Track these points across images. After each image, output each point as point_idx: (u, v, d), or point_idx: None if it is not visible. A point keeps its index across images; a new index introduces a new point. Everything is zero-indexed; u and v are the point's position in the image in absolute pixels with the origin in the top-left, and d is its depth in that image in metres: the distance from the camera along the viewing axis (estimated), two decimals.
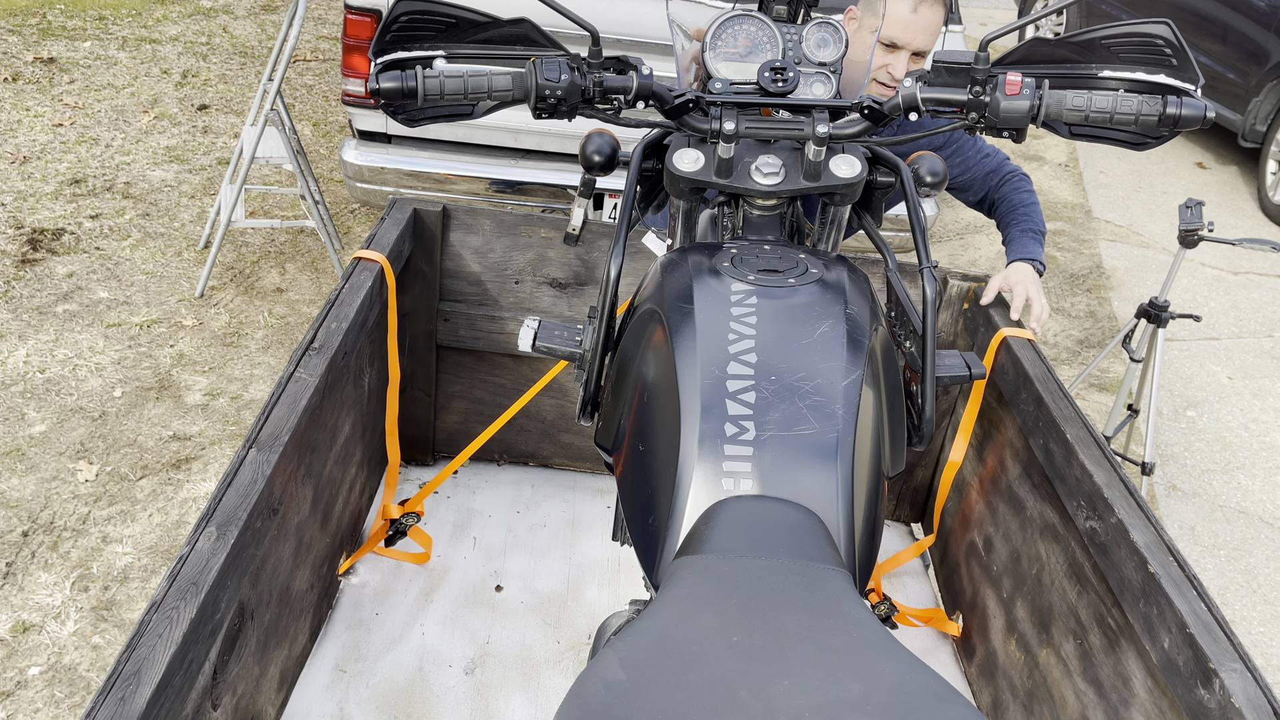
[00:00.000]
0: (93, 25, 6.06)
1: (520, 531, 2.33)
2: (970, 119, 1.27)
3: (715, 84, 1.35)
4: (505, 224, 2.28)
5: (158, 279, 3.70)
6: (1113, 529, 1.58)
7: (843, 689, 0.75)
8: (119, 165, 4.47)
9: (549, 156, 3.34)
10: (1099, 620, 1.65)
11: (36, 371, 3.13)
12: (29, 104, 4.90)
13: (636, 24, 3.05)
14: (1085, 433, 1.77)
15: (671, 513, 1.00)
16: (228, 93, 5.40)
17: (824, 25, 1.41)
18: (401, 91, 1.20)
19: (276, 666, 1.69)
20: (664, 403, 1.06)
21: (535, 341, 1.28)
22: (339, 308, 1.78)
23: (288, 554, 1.65)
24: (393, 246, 2.04)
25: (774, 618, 0.83)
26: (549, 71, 1.21)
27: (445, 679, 1.92)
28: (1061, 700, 1.73)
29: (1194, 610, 1.39)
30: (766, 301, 1.13)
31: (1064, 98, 1.23)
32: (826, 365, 1.06)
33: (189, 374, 3.22)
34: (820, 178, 1.27)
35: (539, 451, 2.53)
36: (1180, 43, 1.24)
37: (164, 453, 2.88)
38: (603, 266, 2.33)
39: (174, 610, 1.11)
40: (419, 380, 2.39)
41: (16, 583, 2.41)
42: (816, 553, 0.93)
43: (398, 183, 3.26)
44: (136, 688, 1.01)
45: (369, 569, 2.15)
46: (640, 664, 0.76)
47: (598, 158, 1.37)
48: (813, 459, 1.00)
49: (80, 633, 2.30)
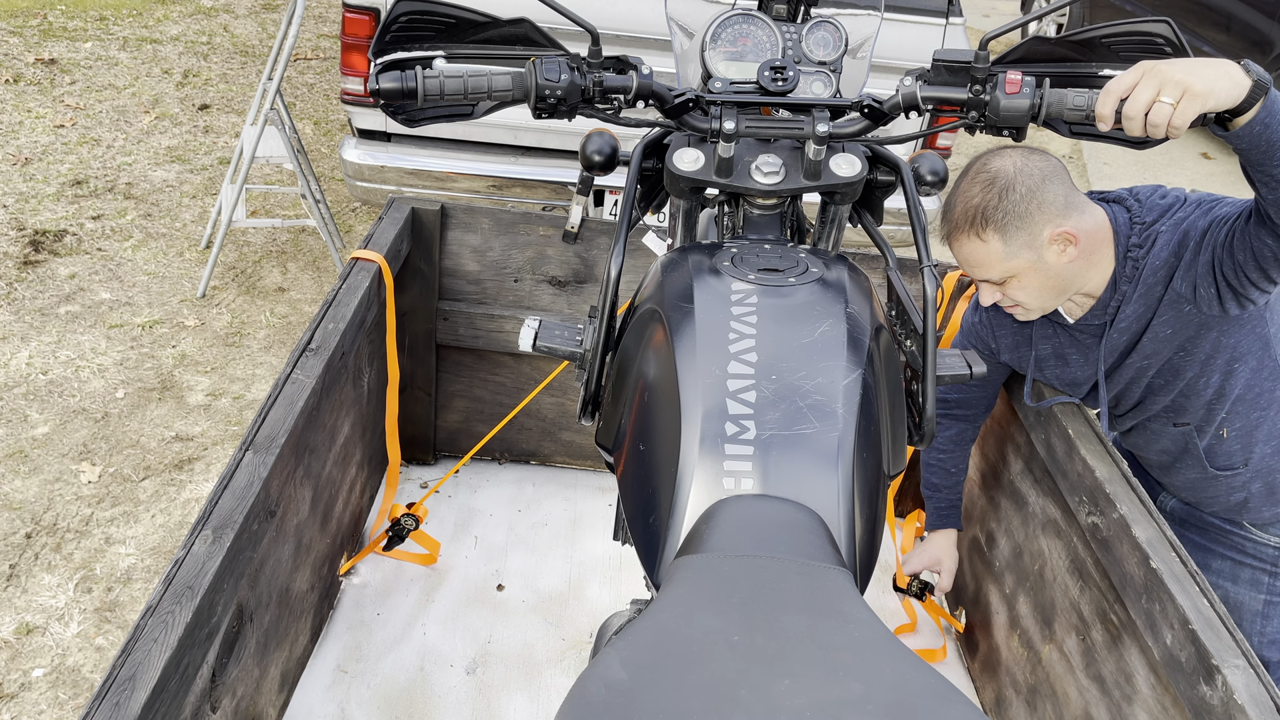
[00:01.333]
0: (94, 26, 6.06)
1: (522, 530, 2.33)
2: (970, 118, 1.27)
3: (715, 83, 1.35)
4: (504, 222, 2.27)
5: (159, 279, 3.70)
6: (1114, 524, 1.57)
7: (844, 688, 0.75)
8: (120, 166, 4.47)
9: (550, 153, 3.33)
10: (1101, 616, 1.64)
11: (39, 373, 3.13)
12: (30, 105, 4.90)
13: (635, 20, 3.04)
14: (1087, 427, 1.76)
15: (672, 512, 1.00)
16: (229, 92, 5.40)
17: (823, 24, 1.41)
18: (401, 92, 1.20)
19: (277, 668, 1.69)
20: (664, 402, 1.06)
21: (536, 341, 1.28)
22: (336, 308, 1.78)
23: (287, 555, 1.64)
24: (390, 246, 2.03)
25: (775, 617, 0.82)
26: (549, 71, 1.21)
27: (447, 679, 1.92)
28: (1064, 697, 1.73)
29: (1196, 606, 1.38)
30: (767, 301, 1.12)
31: (1064, 96, 1.22)
32: (827, 364, 1.06)
33: (191, 374, 3.23)
34: (820, 177, 1.27)
35: (540, 450, 2.53)
36: (1180, 41, 1.23)
37: (166, 453, 2.88)
38: (601, 265, 2.32)
39: (169, 614, 1.11)
40: (419, 379, 2.39)
41: (20, 584, 2.41)
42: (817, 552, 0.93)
43: (398, 181, 3.26)
44: (132, 692, 1.01)
45: (370, 569, 2.15)
46: (641, 663, 0.76)
47: (598, 157, 1.37)
48: (813, 458, 1.00)
49: (84, 634, 2.30)
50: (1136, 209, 1.63)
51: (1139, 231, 1.60)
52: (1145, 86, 1.17)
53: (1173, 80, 1.16)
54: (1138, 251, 1.60)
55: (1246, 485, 1.69)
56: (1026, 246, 1.57)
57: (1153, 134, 1.19)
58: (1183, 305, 1.58)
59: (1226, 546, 1.77)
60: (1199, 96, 1.16)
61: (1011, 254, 1.57)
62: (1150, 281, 1.60)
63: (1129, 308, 1.63)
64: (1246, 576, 1.75)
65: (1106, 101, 1.18)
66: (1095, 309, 1.67)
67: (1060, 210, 1.56)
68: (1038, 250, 1.57)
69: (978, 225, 1.58)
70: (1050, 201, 1.56)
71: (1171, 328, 1.61)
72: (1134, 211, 1.63)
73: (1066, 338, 1.76)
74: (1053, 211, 1.56)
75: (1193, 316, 1.58)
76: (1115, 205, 1.65)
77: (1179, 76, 1.16)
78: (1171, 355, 1.64)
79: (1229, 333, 1.59)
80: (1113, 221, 1.62)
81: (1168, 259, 1.58)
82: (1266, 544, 1.72)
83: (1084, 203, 1.61)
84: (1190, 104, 1.16)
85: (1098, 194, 1.68)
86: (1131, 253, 1.61)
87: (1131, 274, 1.61)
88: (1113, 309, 1.65)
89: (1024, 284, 1.61)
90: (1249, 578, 1.75)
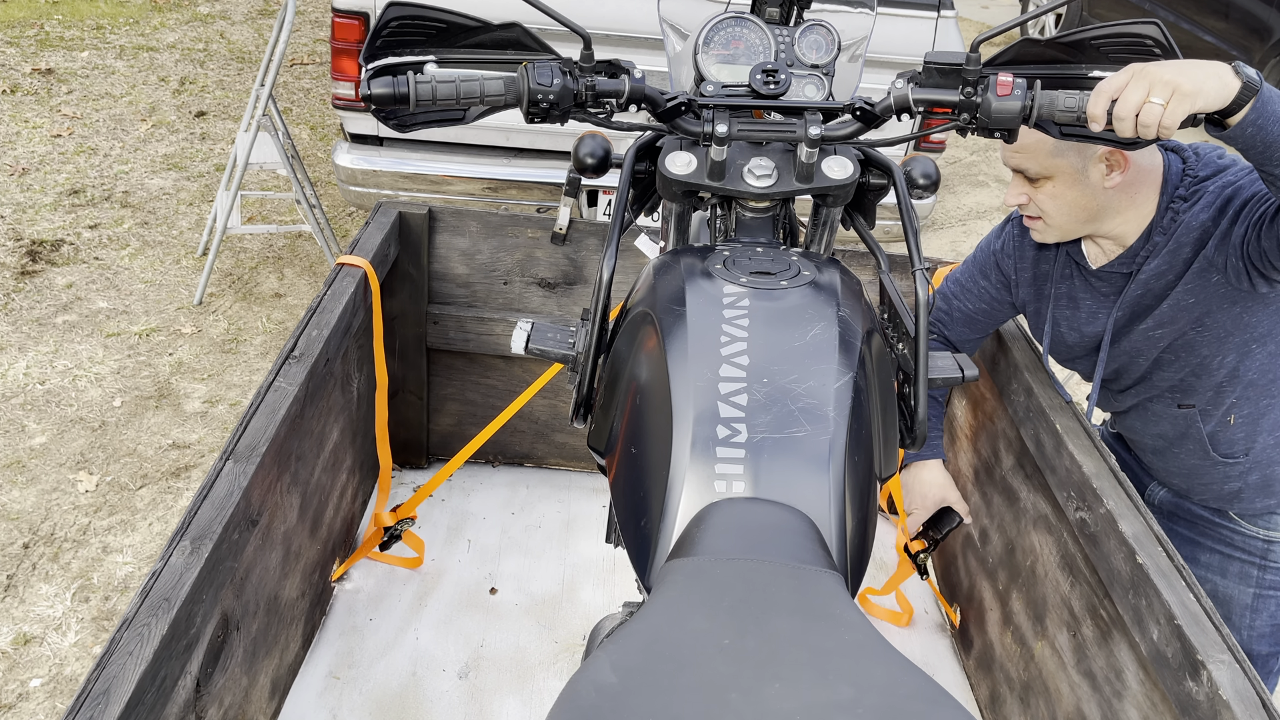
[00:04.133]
0: (90, 35, 6.08)
1: (515, 533, 2.33)
2: (962, 120, 1.27)
3: (707, 86, 1.35)
4: (492, 225, 2.27)
5: (156, 287, 3.71)
6: (1102, 519, 1.56)
7: (834, 692, 0.75)
8: (117, 174, 4.48)
9: (543, 154, 3.33)
10: (1091, 612, 1.63)
11: (36, 383, 3.14)
12: (27, 115, 4.92)
13: (625, 20, 3.04)
14: (1075, 423, 1.75)
15: (664, 515, 1.00)
16: (225, 99, 5.41)
17: (816, 27, 1.41)
18: (393, 97, 1.20)
19: (267, 675, 1.69)
20: (656, 405, 1.06)
21: (528, 344, 1.28)
22: (320, 315, 1.78)
23: (275, 563, 1.64)
24: (377, 251, 2.03)
25: (765, 620, 0.82)
26: (541, 76, 1.21)
27: (439, 683, 1.92)
28: (1057, 693, 1.72)
29: (1182, 601, 1.37)
30: (759, 304, 1.12)
31: (1055, 98, 1.22)
32: (819, 367, 1.06)
33: (188, 382, 3.23)
34: (813, 179, 1.27)
35: (533, 452, 2.53)
36: (1169, 42, 1.23)
37: (164, 461, 2.89)
38: (591, 267, 2.32)
39: (145, 627, 1.11)
40: (410, 384, 2.39)
41: (17, 595, 2.42)
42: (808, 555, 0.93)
43: (391, 185, 3.26)
44: (105, 706, 1.01)
45: (363, 574, 2.15)
46: (631, 667, 0.76)
47: (591, 160, 1.38)
48: (805, 461, 1.00)
49: (81, 643, 2.31)
50: (1193, 161, 1.58)
51: (1188, 185, 1.56)
52: (1135, 87, 1.18)
53: (1162, 81, 1.17)
54: (1180, 204, 1.56)
55: (1243, 476, 1.67)
56: (1076, 150, 1.53)
57: (1143, 134, 1.20)
58: (1211, 274, 1.54)
59: (1215, 540, 1.76)
60: (1188, 96, 1.17)
61: (1060, 150, 1.53)
62: (1182, 240, 1.55)
63: (1154, 260, 1.59)
64: (1235, 570, 1.74)
65: (1098, 102, 1.19)
66: (1123, 257, 1.62)
67: None
68: (1085, 159, 1.53)
69: None
70: None
71: (1195, 296, 1.57)
72: (1189, 164, 1.58)
73: (1082, 282, 1.70)
74: None
75: (1219, 288, 1.55)
76: (1173, 154, 1.61)
77: (1168, 77, 1.17)
78: (1188, 328, 1.60)
79: (1252, 310, 1.55)
80: (1165, 169, 1.58)
81: (1204, 221, 1.54)
82: (1255, 536, 1.71)
83: None
84: (1179, 104, 1.17)
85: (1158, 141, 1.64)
86: (1174, 204, 1.56)
87: (1169, 226, 1.56)
88: (1140, 259, 1.60)
89: (1057, 192, 1.56)
90: (1238, 571, 1.74)
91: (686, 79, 1.48)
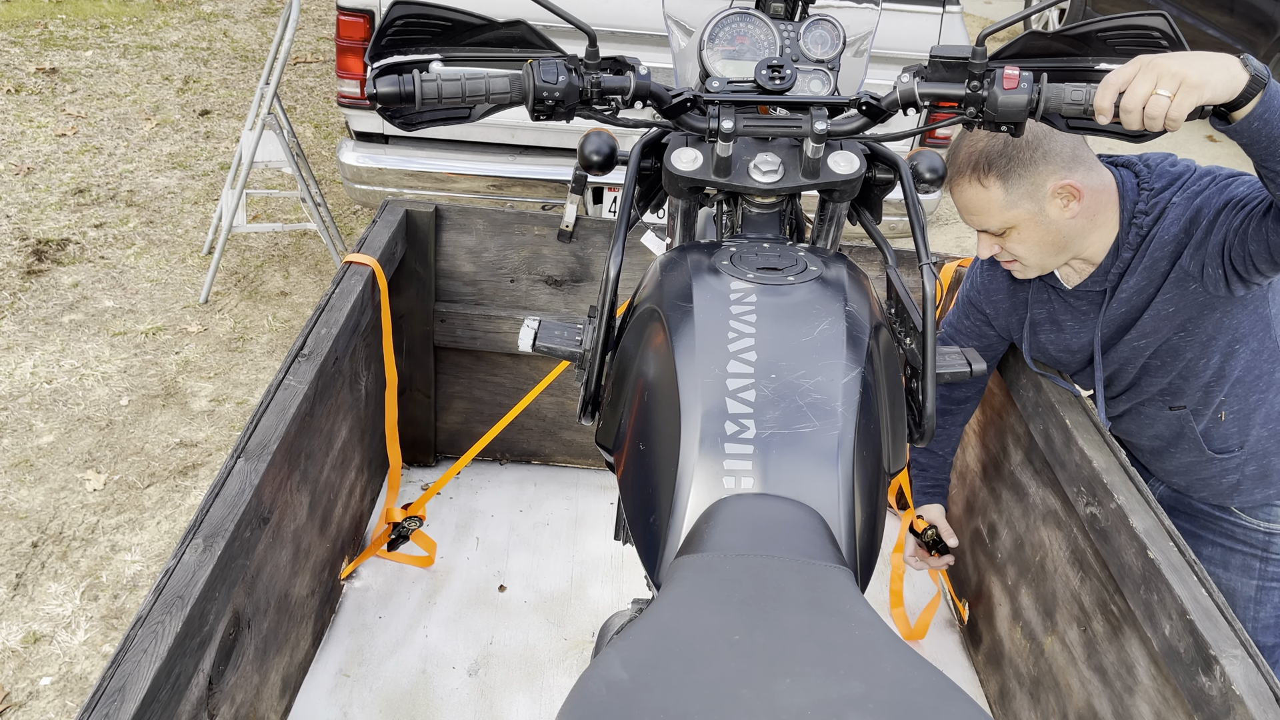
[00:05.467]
0: (94, 34, 6.08)
1: (523, 530, 2.33)
2: (968, 114, 1.27)
3: (713, 82, 1.34)
4: (498, 222, 2.27)
5: (162, 286, 3.72)
6: (1113, 514, 1.56)
7: (844, 687, 0.75)
8: (122, 173, 4.49)
9: (549, 151, 3.33)
10: (1102, 607, 1.63)
11: (44, 382, 3.15)
12: (32, 115, 4.92)
13: (630, 16, 3.03)
14: (1085, 418, 1.75)
15: (672, 511, 1.00)
16: (229, 97, 5.41)
17: (821, 22, 1.41)
18: (399, 95, 1.20)
19: (278, 673, 1.69)
20: (664, 402, 1.06)
21: (535, 342, 1.28)
22: (329, 313, 1.78)
23: (285, 561, 1.65)
24: (384, 249, 2.03)
25: (775, 616, 0.82)
26: (546, 73, 1.20)
27: (449, 681, 1.92)
28: (1067, 688, 1.72)
29: (1194, 596, 1.37)
30: (766, 299, 1.12)
31: (1062, 91, 1.22)
32: (826, 363, 1.06)
33: (195, 380, 3.24)
34: (819, 174, 1.27)
35: (541, 449, 2.53)
36: (1176, 34, 1.23)
37: (171, 460, 2.89)
38: (597, 264, 2.32)
39: (159, 624, 1.11)
40: (418, 382, 2.39)
41: (27, 593, 2.42)
42: (818, 550, 0.93)
43: (397, 183, 3.26)
44: (121, 704, 1.01)
45: (372, 572, 2.15)
46: (642, 663, 0.76)
47: (597, 157, 1.38)
48: (813, 456, 1.00)
49: (91, 642, 2.32)
50: (1145, 174, 1.60)
51: (1146, 198, 1.58)
52: (1143, 79, 1.17)
53: (1169, 73, 1.17)
54: (1143, 219, 1.57)
55: (1240, 468, 1.68)
56: (1028, 197, 1.54)
57: (1150, 126, 1.19)
58: (1188, 284, 1.56)
59: (1216, 533, 1.76)
60: (1195, 88, 1.17)
61: (1012, 203, 1.55)
62: (1156, 255, 1.57)
63: (1131, 279, 1.60)
64: (1238, 563, 1.74)
65: (1105, 94, 1.19)
66: (1095, 275, 1.64)
67: (1066, 163, 1.54)
68: (1039, 202, 1.55)
69: (980, 170, 1.55)
70: (1056, 153, 1.53)
71: (1175, 305, 1.58)
72: (1142, 177, 1.60)
73: (1061, 304, 1.72)
74: (1058, 163, 1.53)
75: (1198, 295, 1.56)
76: (1124, 169, 1.62)
77: (1175, 69, 1.17)
78: (1171, 335, 1.61)
79: (1232, 313, 1.57)
80: (1120, 185, 1.59)
81: (1177, 235, 1.55)
82: (1256, 529, 1.71)
83: (1092, 160, 1.58)
84: (1187, 96, 1.17)
85: (1106, 158, 1.65)
86: (1136, 219, 1.58)
87: (1135, 242, 1.58)
88: (1114, 277, 1.62)
89: (1023, 237, 1.58)
90: (1240, 564, 1.74)
91: (692, 75, 1.47)
